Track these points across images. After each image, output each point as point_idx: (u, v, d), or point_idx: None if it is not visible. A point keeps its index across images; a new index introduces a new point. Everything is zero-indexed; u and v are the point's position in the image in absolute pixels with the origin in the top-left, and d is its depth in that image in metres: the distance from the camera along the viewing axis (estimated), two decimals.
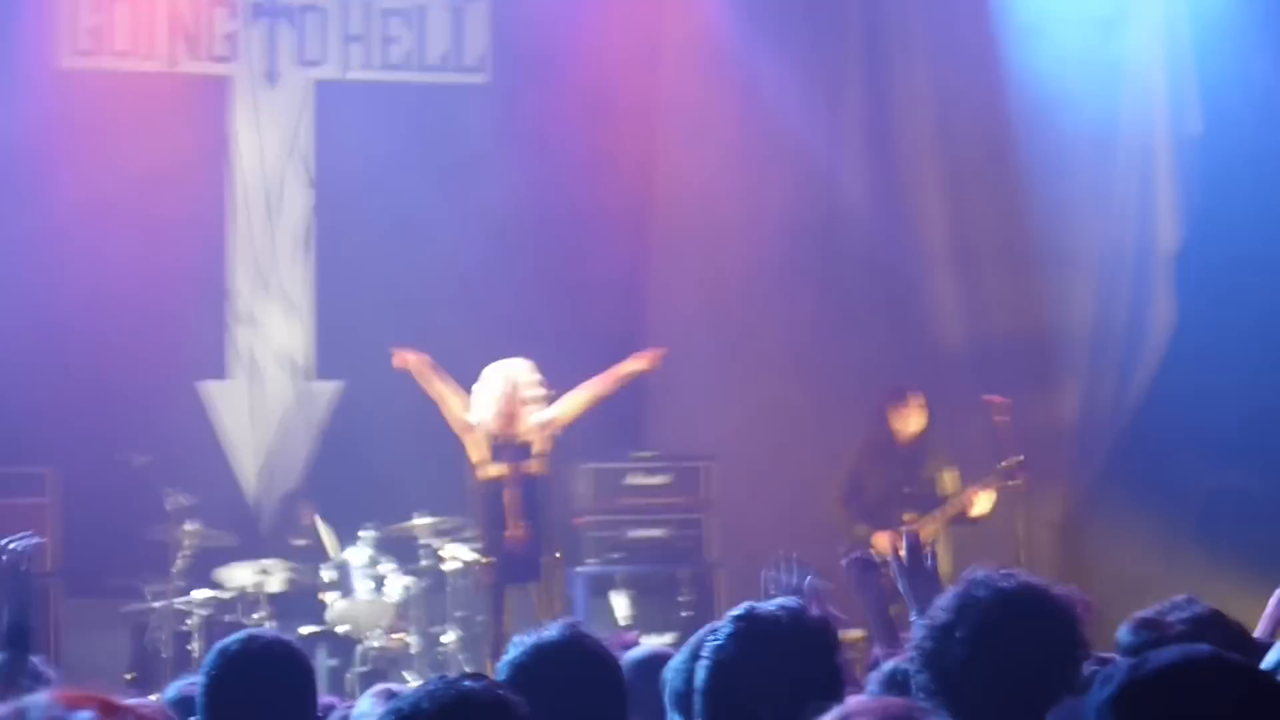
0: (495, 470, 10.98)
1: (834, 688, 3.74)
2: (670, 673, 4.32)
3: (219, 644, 4.81)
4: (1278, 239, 12.93)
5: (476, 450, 11.01)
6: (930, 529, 11.61)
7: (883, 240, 14.03)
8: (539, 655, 4.18)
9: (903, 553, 5.46)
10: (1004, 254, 14.01)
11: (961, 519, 11.74)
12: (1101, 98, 13.74)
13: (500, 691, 3.52)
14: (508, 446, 10.99)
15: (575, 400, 11.10)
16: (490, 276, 13.43)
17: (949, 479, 11.94)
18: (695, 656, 4.00)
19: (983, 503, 11.73)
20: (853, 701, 2.53)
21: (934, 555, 5.72)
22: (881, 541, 11.71)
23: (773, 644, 3.85)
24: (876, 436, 12.04)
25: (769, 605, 3.99)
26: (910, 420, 11.97)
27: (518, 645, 4.25)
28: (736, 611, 3.94)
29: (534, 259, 13.55)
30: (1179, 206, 13.67)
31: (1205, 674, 2.66)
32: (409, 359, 11.16)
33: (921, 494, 11.89)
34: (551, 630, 4.28)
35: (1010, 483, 11.64)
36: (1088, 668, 3.77)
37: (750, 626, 3.87)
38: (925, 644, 3.73)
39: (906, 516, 11.74)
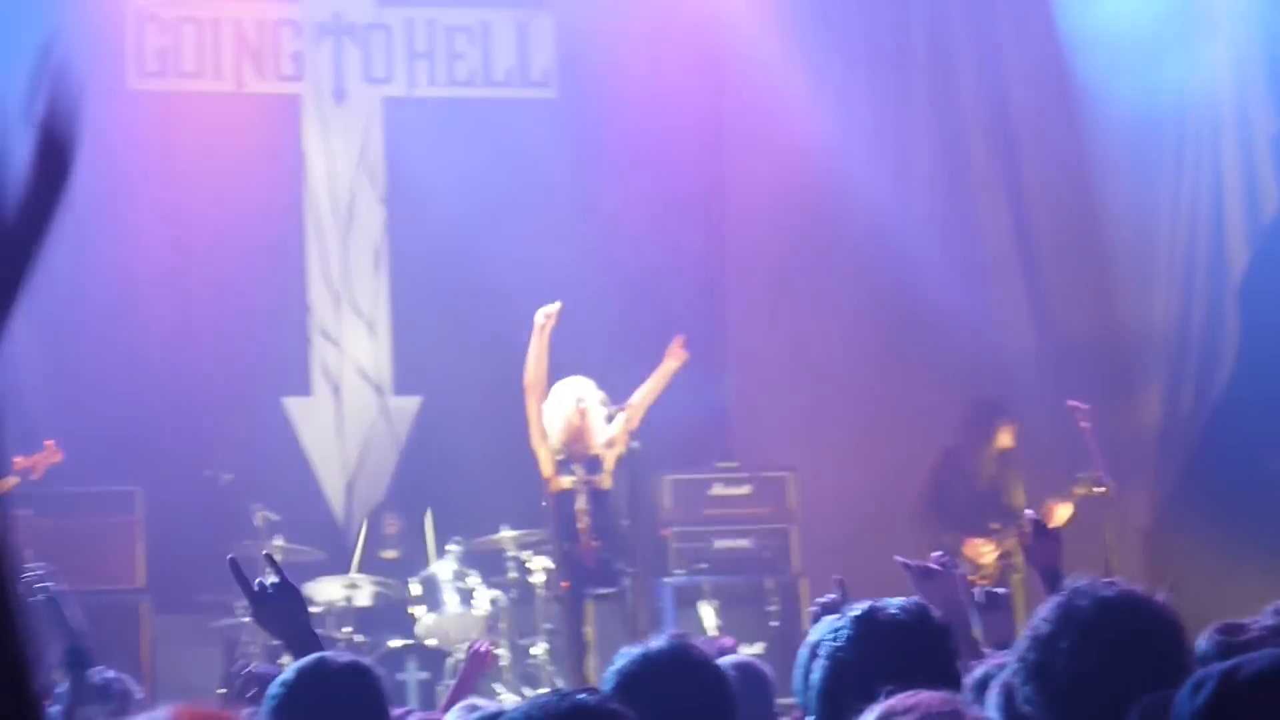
0: (566, 483, 11.04)
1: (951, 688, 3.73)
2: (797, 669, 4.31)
3: (295, 666, 4.79)
4: None
5: (548, 463, 11.08)
6: (1013, 541, 11.64)
7: (958, 246, 14.01)
8: (647, 665, 4.16)
9: (977, 595, 5.47)
10: (1078, 257, 13.98)
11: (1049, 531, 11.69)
12: (1172, 97, 13.70)
13: (612, 704, 3.56)
14: (577, 461, 11.06)
15: (634, 410, 11.16)
16: (565, 291, 13.41)
17: (1018, 489, 11.98)
18: (813, 655, 4.02)
19: (1061, 515, 11.72)
20: (896, 698, 2.52)
21: (1007, 591, 5.73)
22: (971, 550, 11.74)
23: (892, 644, 3.89)
24: (962, 444, 12.08)
25: (890, 604, 4.02)
26: (1003, 445, 12.03)
27: (624, 655, 4.24)
28: (856, 611, 3.97)
29: (608, 273, 13.57)
30: (1252, 212, 13.65)
31: None
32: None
33: (1000, 503, 11.92)
34: (658, 641, 4.27)
35: (1094, 491, 11.62)
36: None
37: (870, 626, 3.90)
38: (1028, 655, 3.69)
39: (993, 525, 11.78)
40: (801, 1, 14.06)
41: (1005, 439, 12.10)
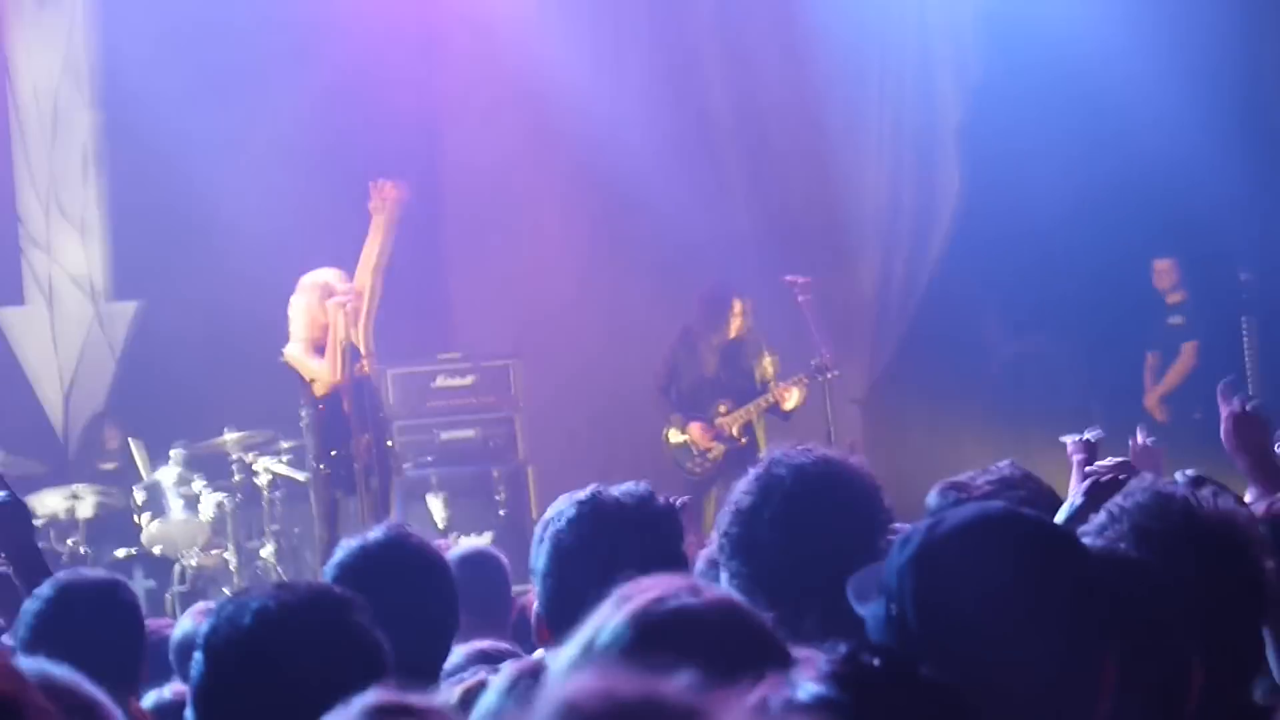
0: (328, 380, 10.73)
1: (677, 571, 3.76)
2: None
3: (50, 583, 4.77)
4: (1061, 101, 13.20)
5: (314, 364, 10.71)
6: (743, 417, 11.81)
7: (672, 127, 14.08)
8: (364, 557, 4.20)
9: None
10: (791, 133, 14.12)
11: (776, 410, 11.90)
12: None
13: (342, 590, 3.56)
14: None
15: (368, 270, 10.75)
16: (279, 189, 13.26)
17: (769, 365, 12.05)
18: (540, 539, 3.97)
19: (794, 398, 11.89)
20: (632, 585, 2.58)
21: None
22: (695, 433, 11.86)
23: (615, 527, 3.86)
24: (696, 325, 12.11)
25: (614, 489, 3.99)
26: (736, 325, 12.03)
27: (343, 548, 4.26)
28: (580, 495, 3.94)
29: (322, 171, 13.39)
30: (962, 77, 13.89)
31: (998, 528, 2.72)
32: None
33: (738, 382, 12.01)
34: (375, 532, 4.30)
35: (823, 378, 11.78)
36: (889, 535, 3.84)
37: (593, 509, 3.88)
38: (732, 530, 3.72)
39: (721, 406, 11.90)
40: None
41: (738, 319, 12.14)
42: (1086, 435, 5.89)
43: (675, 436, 11.87)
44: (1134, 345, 13.12)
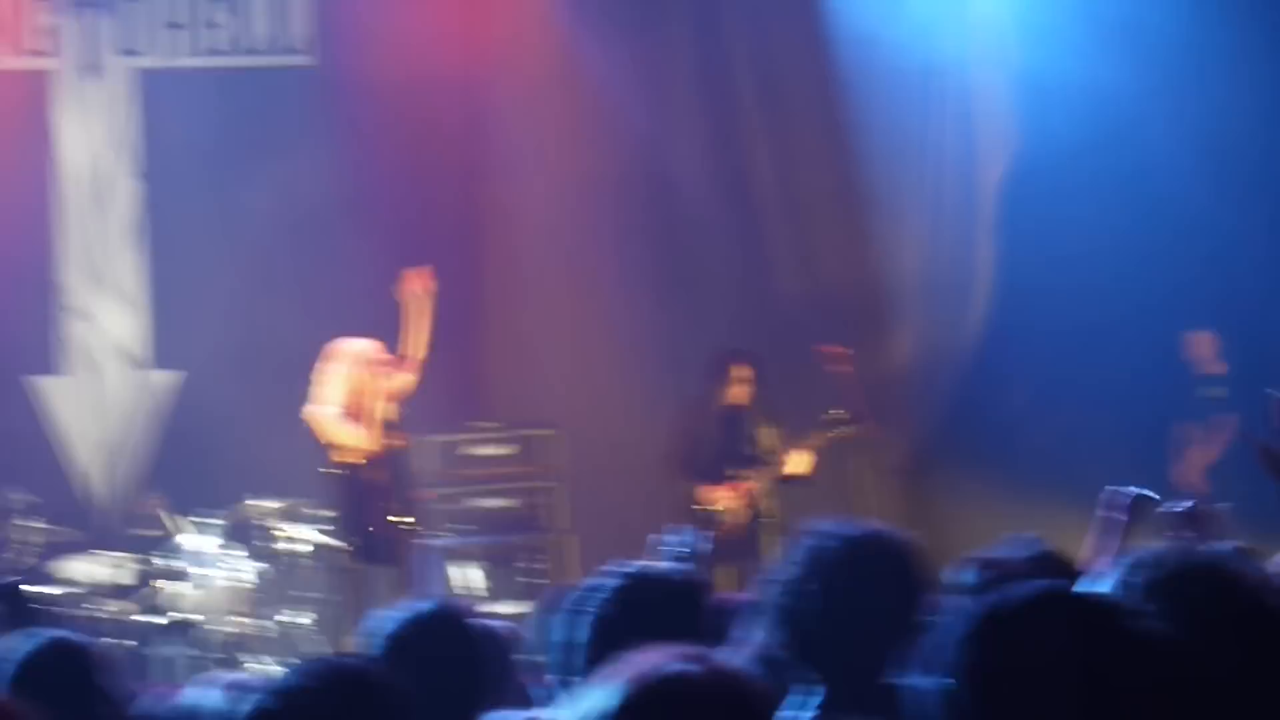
0: (363, 449, 10.82)
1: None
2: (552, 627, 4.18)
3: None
4: (1098, 167, 13.17)
5: (350, 430, 10.82)
6: (757, 485, 11.79)
7: (713, 197, 14.12)
8: (415, 627, 4.16)
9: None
10: (833, 204, 14.15)
11: (787, 477, 11.90)
12: (921, 37, 13.89)
13: (380, 670, 3.49)
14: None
15: (413, 362, 10.94)
16: (323, 257, 13.37)
17: (768, 436, 12.05)
18: (577, 611, 3.94)
19: (796, 462, 11.85)
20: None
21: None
22: (713, 495, 11.85)
23: (657, 604, 3.86)
24: (702, 398, 12.16)
25: (658, 566, 4.01)
26: (736, 392, 12.08)
27: (391, 619, 4.21)
28: (627, 568, 3.95)
29: (365, 237, 13.47)
30: (1000, 143, 13.90)
31: (1058, 609, 2.72)
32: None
33: (749, 452, 12.02)
34: (424, 603, 4.28)
35: (835, 434, 11.78)
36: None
37: (636, 584, 3.88)
38: (779, 600, 3.71)
39: (729, 472, 11.89)
40: None
41: (738, 385, 12.16)
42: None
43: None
44: (1167, 419, 13.05)
